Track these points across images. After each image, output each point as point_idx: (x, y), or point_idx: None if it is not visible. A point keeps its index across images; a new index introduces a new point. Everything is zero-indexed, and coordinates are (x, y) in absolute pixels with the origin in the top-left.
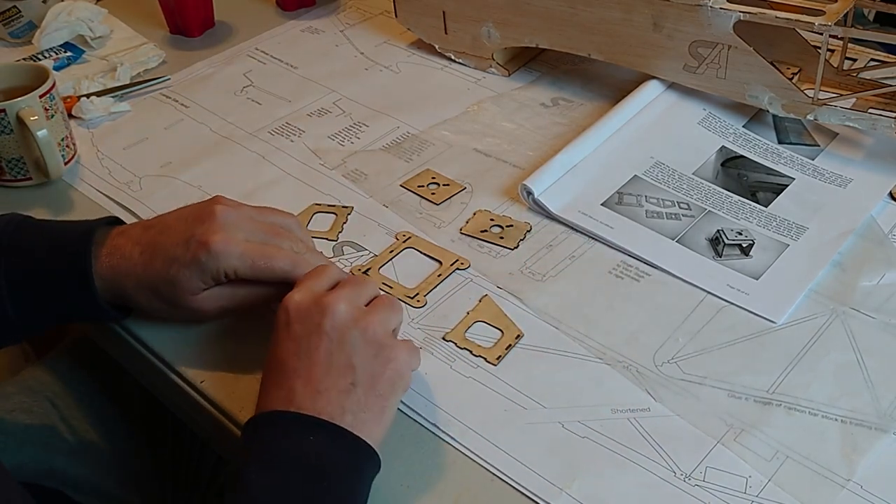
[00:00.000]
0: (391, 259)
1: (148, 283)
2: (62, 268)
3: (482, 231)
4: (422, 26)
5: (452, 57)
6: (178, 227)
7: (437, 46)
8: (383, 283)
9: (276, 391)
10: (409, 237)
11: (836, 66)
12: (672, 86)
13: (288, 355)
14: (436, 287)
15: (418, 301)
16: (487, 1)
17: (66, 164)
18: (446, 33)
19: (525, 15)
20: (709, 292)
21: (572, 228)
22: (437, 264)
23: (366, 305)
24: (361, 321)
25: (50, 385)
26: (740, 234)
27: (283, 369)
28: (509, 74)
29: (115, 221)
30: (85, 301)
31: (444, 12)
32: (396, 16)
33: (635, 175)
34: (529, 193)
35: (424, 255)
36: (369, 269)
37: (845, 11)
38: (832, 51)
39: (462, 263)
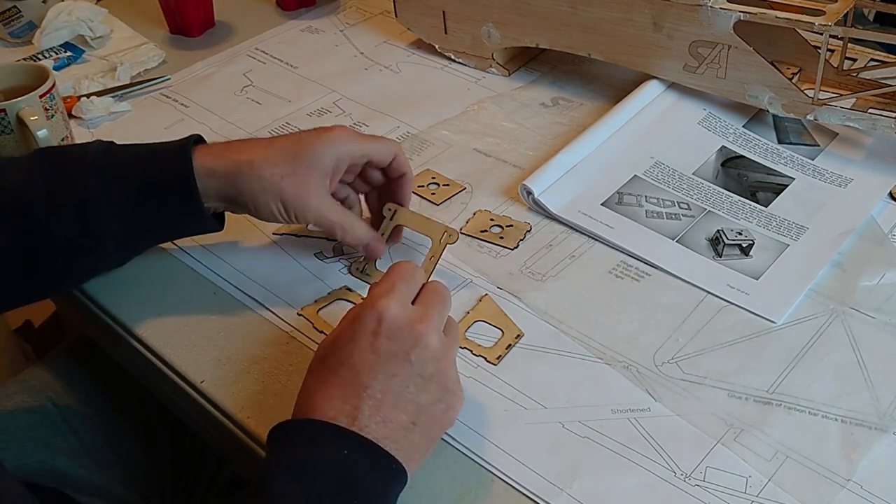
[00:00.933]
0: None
1: (271, 152)
2: (163, 170)
3: (482, 231)
4: (422, 26)
5: (452, 57)
6: (297, 133)
7: (437, 46)
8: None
9: (342, 402)
10: (396, 210)
11: (836, 66)
12: (672, 86)
13: (365, 368)
14: (433, 270)
15: None
16: (487, 1)
17: None
18: (446, 33)
19: (525, 15)
20: (709, 292)
21: (572, 228)
22: (427, 240)
23: None
24: (442, 361)
25: (51, 385)
26: (740, 234)
27: (353, 381)
28: (509, 74)
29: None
30: (187, 202)
31: (444, 12)
32: (396, 16)
33: (635, 175)
34: (529, 193)
35: (413, 230)
36: (366, 265)
37: (845, 11)
38: (832, 51)
39: (450, 236)
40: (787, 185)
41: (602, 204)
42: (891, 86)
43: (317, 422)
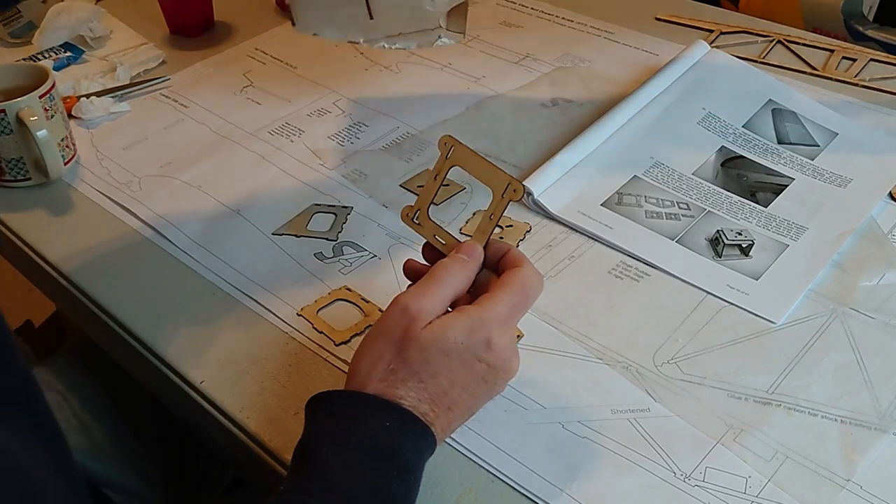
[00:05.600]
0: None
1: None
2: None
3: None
4: (335, 24)
5: (386, 46)
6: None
7: (361, 41)
8: (436, 237)
9: (427, 405)
10: (452, 147)
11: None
12: (672, 86)
13: (458, 385)
14: (492, 231)
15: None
16: None
17: (65, 164)
18: (372, 18)
19: None
20: (709, 292)
21: (572, 229)
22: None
23: None
24: (513, 368)
25: (55, 386)
26: (740, 234)
27: (443, 391)
28: (465, 37)
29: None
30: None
31: None
32: (294, 24)
33: (635, 175)
34: (529, 194)
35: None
36: (418, 213)
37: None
38: (832, 51)
39: (515, 191)
40: (786, 186)
41: (602, 204)
42: None
43: (358, 393)
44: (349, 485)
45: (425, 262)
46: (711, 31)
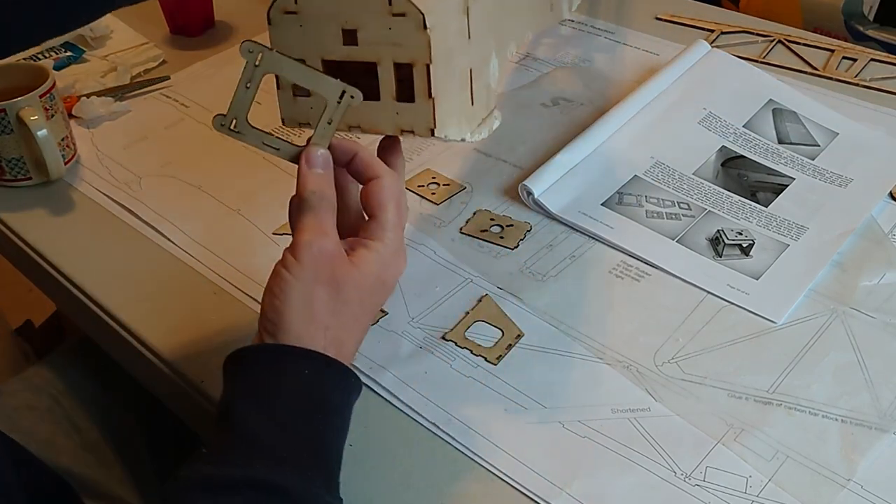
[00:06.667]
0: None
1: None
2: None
3: (482, 231)
4: (455, 115)
5: (479, 136)
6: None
7: (468, 136)
8: (265, 143)
9: (331, 342)
10: (262, 53)
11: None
12: (672, 85)
13: (368, 317)
14: (331, 136)
15: None
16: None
17: (66, 163)
18: (473, 104)
19: None
20: (709, 292)
21: (572, 228)
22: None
23: None
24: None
25: (55, 383)
26: (740, 234)
27: (360, 325)
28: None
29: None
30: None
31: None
32: (284, 121)
33: (635, 175)
34: (530, 194)
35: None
36: (234, 118)
37: None
38: (832, 51)
39: (352, 96)
40: (787, 185)
41: (602, 204)
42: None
43: (273, 345)
44: (278, 443)
45: None
46: (712, 31)
